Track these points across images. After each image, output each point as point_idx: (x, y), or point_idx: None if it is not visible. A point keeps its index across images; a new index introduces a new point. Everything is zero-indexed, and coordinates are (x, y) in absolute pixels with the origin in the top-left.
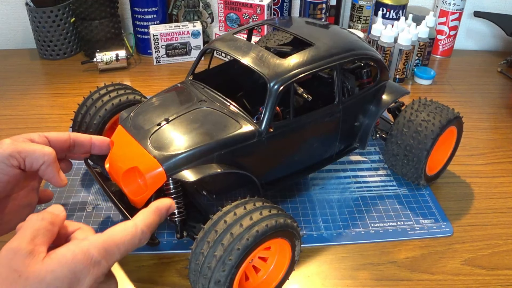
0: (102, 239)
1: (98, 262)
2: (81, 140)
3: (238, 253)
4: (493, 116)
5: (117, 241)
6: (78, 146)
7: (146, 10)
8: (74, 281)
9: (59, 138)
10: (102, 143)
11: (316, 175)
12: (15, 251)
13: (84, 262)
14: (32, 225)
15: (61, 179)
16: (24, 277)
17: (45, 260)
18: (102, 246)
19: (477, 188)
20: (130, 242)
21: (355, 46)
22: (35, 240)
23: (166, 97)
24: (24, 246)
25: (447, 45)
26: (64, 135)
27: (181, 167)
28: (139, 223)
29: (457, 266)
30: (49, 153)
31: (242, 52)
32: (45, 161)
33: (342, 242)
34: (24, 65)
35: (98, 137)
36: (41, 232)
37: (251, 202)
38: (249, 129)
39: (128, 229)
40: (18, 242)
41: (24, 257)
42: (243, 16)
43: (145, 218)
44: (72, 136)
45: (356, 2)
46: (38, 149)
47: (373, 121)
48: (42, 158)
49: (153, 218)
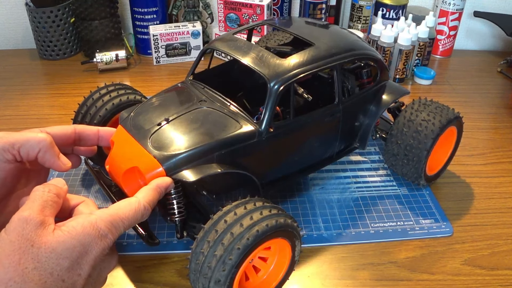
0: (109, 213)
1: (105, 235)
2: (87, 132)
3: (239, 252)
4: (493, 116)
5: (122, 216)
6: (85, 140)
7: (146, 10)
8: (83, 252)
9: (63, 132)
10: (109, 135)
11: (316, 175)
12: (27, 220)
13: (92, 234)
14: (40, 196)
15: (63, 163)
16: (37, 246)
17: (55, 231)
18: (109, 220)
19: (477, 188)
20: (134, 216)
21: (355, 46)
22: (44, 211)
23: (166, 97)
24: (35, 216)
25: (447, 45)
26: (68, 128)
27: (181, 167)
28: (142, 200)
29: (457, 266)
30: (44, 139)
31: (242, 52)
32: (41, 148)
33: (342, 242)
34: (24, 65)
35: (106, 129)
36: (49, 204)
37: (252, 202)
38: (249, 129)
39: (132, 204)
40: (29, 212)
41: (36, 227)
42: (243, 16)
43: (147, 195)
44: (78, 129)
45: (356, 2)
46: (31, 136)
47: (373, 121)
48: (37, 146)
49: (153, 195)
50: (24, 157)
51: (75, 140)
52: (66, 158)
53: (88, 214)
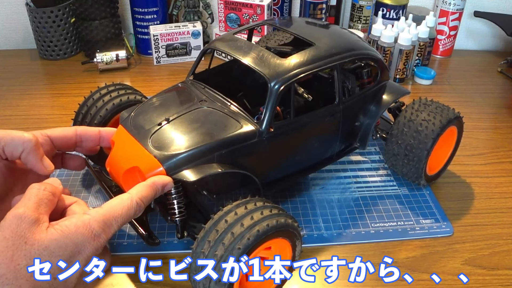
0: (102, 213)
1: (98, 235)
2: (89, 134)
3: (239, 252)
4: (493, 116)
5: (115, 215)
6: (86, 141)
7: (146, 10)
8: (76, 251)
9: (64, 134)
10: (111, 135)
11: (316, 175)
12: (22, 217)
13: (85, 234)
14: (35, 194)
15: (44, 167)
16: (30, 244)
17: (49, 230)
18: (102, 219)
19: (477, 188)
20: (127, 214)
21: (356, 46)
22: (39, 209)
23: (167, 97)
24: (30, 213)
25: (447, 45)
26: (69, 130)
27: (182, 167)
28: (134, 196)
29: (457, 266)
30: (28, 139)
31: (243, 52)
32: (24, 148)
33: (342, 242)
34: (24, 65)
35: (107, 129)
36: (44, 202)
37: (252, 202)
38: (249, 129)
39: (125, 202)
40: (24, 209)
41: (30, 224)
42: (243, 16)
43: (140, 191)
44: (79, 131)
45: (356, 2)
46: (17, 135)
47: (374, 121)
48: (21, 146)
49: (148, 192)
50: (9, 156)
51: (77, 142)
52: (50, 162)
53: (81, 214)
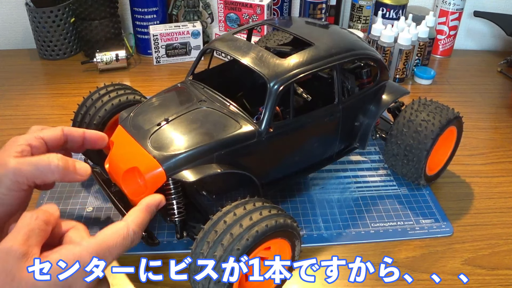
0: (95, 244)
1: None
2: (73, 134)
3: (238, 253)
4: (493, 116)
5: (109, 245)
6: (71, 142)
7: (146, 10)
8: (66, 287)
9: (53, 135)
10: (95, 138)
11: (316, 175)
12: (8, 252)
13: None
14: (26, 224)
15: (81, 175)
16: (17, 281)
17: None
18: (95, 251)
19: (477, 188)
20: (123, 244)
21: (355, 46)
22: (28, 241)
23: (166, 97)
24: (18, 247)
25: (447, 45)
26: (57, 131)
27: (181, 167)
28: (131, 224)
29: (457, 266)
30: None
31: (242, 52)
32: (55, 175)
33: (342, 242)
34: (24, 65)
35: (92, 132)
36: (35, 232)
37: (251, 202)
38: (249, 129)
39: (120, 231)
40: (12, 243)
41: (18, 259)
42: (243, 16)
43: (136, 218)
44: (65, 131)
45: (356, 2)
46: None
47: (373, 121)
48: (51, 174)
49: (143, 217)
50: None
51: (64, 142)
52: (83, 166)
53: (73, 246)
